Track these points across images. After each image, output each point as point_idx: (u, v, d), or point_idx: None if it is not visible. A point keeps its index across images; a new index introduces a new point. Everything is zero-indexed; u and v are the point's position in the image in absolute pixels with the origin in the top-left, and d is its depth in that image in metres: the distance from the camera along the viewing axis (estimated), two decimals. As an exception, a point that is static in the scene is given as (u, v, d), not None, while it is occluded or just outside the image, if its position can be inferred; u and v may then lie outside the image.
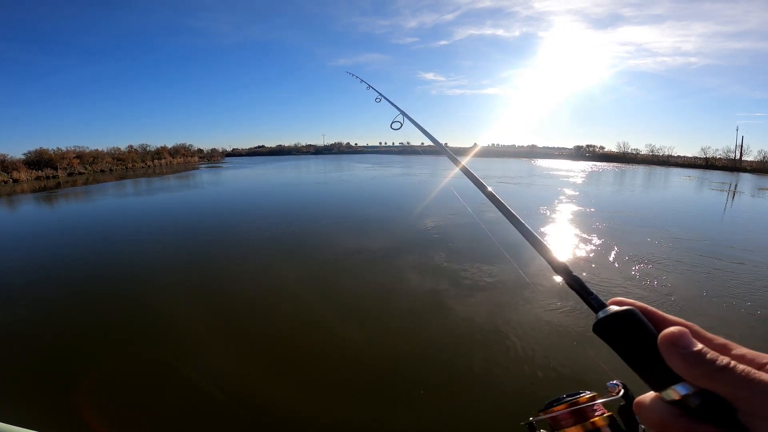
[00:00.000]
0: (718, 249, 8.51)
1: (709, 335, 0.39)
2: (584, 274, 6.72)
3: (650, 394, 0.37)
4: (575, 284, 0.47)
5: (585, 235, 9.49)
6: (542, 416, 0.49)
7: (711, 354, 0.33)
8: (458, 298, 5.72)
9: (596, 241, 8.94)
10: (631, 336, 0.38)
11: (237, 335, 4.79)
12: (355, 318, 5.21)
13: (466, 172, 0.89)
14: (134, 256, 8.39)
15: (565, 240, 9.18)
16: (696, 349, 0.34)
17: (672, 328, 0.35)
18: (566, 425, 0.46)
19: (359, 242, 8.94)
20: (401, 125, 1.65)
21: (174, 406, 3.55)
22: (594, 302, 0.43)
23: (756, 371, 0.31)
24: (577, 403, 0.46)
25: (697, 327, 0.39)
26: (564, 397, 0.48)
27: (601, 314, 0.41)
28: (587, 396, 0.47)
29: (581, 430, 0.45)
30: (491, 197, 0.73)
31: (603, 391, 0.46)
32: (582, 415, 0.46)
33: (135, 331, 4.97)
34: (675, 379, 0.34)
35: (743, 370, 0.31)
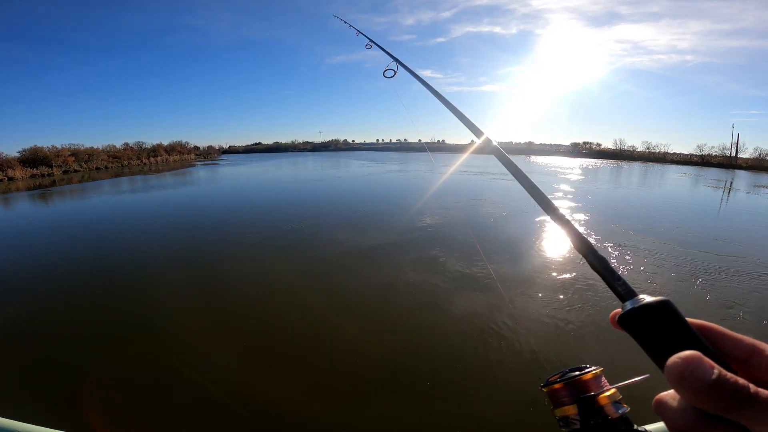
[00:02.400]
0: (710, 243, 8.59)
1: (735, 336, 0.35)
2: (574, 275, 6.77)
3: (674, 394, 0.32)
4: (600, 266, 0.43)
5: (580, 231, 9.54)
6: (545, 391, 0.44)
7: (729, 384, 0.29)
8: (458, 295, 5.75)
9: (593, 236, 9.00)
10: (669, 331, 0.34)
11: (237, 334, 4.80)
12: (356, 316, 5.24)
13: (488, 145, 0.81)
14: (134, 254, 8.36)
15: (559, 235, 9.21)
16: (712, 379, 0.29)
17: (682, 354, 0.30)
18: (565, 403, 0.41)
19: (358, 240, 8.95)
20: (395, 73, 1.58)
21: (176, 405, 3.57)
22: (621, 289, 0.39)
23: None
24: (577, 380, 0.41)
25: (720, 328, 0.36)
26: (566, 371, 0.43)
27: (629, 304, 0.37)
28: (593, 372, 0.41)
29: (576, 410, 0.40)
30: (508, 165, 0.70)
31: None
32: (581, 392, 0.40)
33: (136, 330, 4.97)
34: None
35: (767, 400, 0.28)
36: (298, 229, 10.13)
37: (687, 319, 0.35)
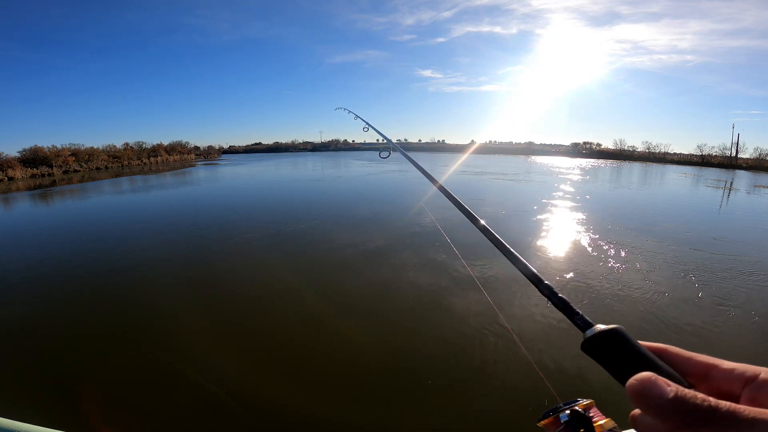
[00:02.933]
0: (707, 241, 8.60)
1: (688, 354, 0.37)
2: (572, 275, 6.78)
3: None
4: (561, 305, 0.48)
5: (579, 231, 9.56)
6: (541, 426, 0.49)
7: (689, 399, 0.30)
8: (458, 295, 5.75)
9: (591, 236, 9.01)
10: (620, 353, 0.38)
11: (238, 334, 4.80)
12: (357, 316, 5.25)
13: (443, 190, 0.96)
14: (134, 254, 8.37)
15: (558, 235, 9.24)
16: (670, 397, 0.30)
17: (638, 376, 0.32)
18: None
19: (358, 240, 8.96)
20: (389, 154, 1.88)
21: (176, 405, 3.57)
22: (580, 322, 0.44)
23: (743, 409, 0.29)
24: (572, 411, 0.47)
25: (674, 349, 0.38)
26: (561, 406, 0.48)
27: (588, 333, 0.41)
28: (584, 404, 0.47)
29: None
30: (468, 216, 0.77)
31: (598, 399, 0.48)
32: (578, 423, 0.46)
33: (137, 330, 4.98)
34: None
35: (727, 411, 0.29)
36: (298, 229, 10.14)
37: (642, 342, 0.39)
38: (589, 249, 8.03)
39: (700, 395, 0.30)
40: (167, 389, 3.77)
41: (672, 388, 0.31)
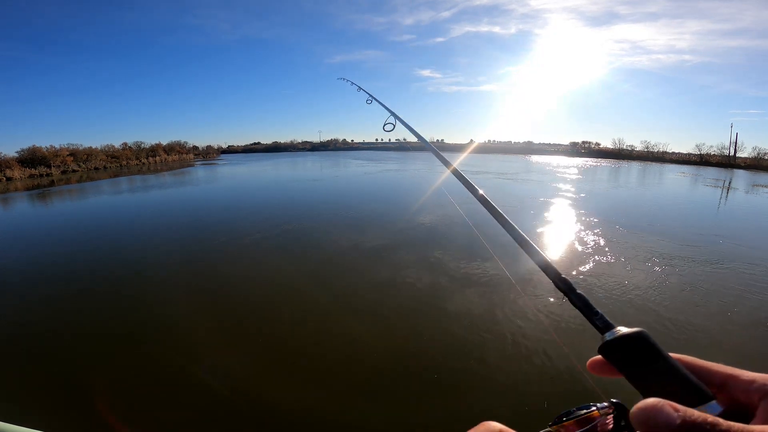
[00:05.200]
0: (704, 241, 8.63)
1: (706, 364, 0.36)
2: (578, 274, 6.80)
3: None
4: (579, 302, 0.45)
5: (577, 230, 9.57)
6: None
7: (697, 425, 0.29)
8: (458, 294, 5.77)
9: (588, 236, 9.03)
10: (643, 360, 0.36)
11: (240, 334, 4.81)
12: (359, 315, 5.26)
13: (456, 174, 0.84)
14: (135, 254, 8.36)
15: (558, 234, 9.26)
16: (677, 424, 0.29)
17: (645, 402, 0.31)
18: None
19: (359, 239, 8.96)
20: (394, 127, 1.67)
21: (180, 404, 3.57)
22: (599, 323, 0.41)
23: (757, 429, 0.28)
24: (587, 418, 0.41)
25: (691, 359, 0.37)
26: (573, 411, 0.43)
27: (608, 336, 0.39)
28: (598, 410, 0.42)
29: None
30: (483, 201, 0.70)
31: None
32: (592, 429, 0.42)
33: (140, 330, 4.97)
34: (701, 400, 0.33)
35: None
36: (298, 229, 10.14)
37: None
38: (578, 244, 8.05)
39: (711, 418, 0.29)
40: (174, 388, 3.76)
41: (679, 413, 0.30)
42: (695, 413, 0.30)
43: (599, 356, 0.40)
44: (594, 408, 0.42)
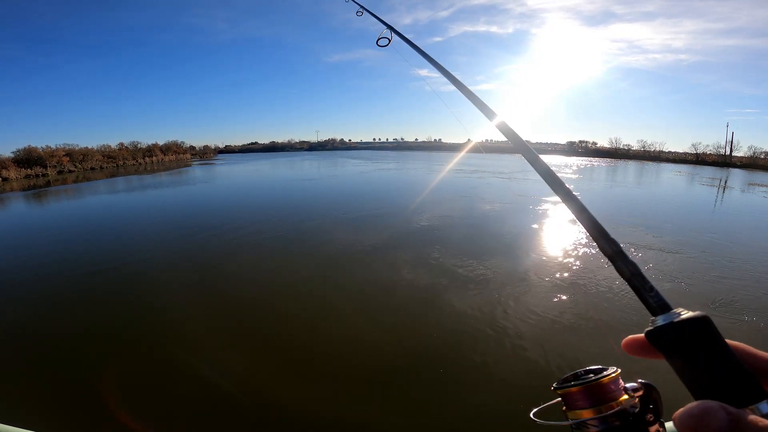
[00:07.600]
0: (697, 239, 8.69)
1: (756, 352, 0.33)
2: (575, 268, 6.81)
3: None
4: (629, 273, 0.38)
5: (574, 229, 9.62)
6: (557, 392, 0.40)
7: (746, 427, 0.27)
8: (460, 292, 5.78)
9: (585, 236, 9.05)
10: (705, 352, 0.31)
11: (241, 333, 4.82)
12: (360, 313, 5.26)
13: (503, 127, 0.63)
14: (135, 254, 8.33)
15: (557, 233, 9.29)
16: (725, 429, 0.27)
17: (691, 406, 0.29)
18: (580, 406, 0.37)
19: (359, 238, 8.96)
20: (389, 41, 1.50)
21: (184, 403, 3.57)
22: (653, 301, 0.36)
23: None
24: (596, 386, 0.37)
25: (746, 347, 0.34)
26: (581, 374, 0.39)
27: (661, 320, 0.34)
28: (609, 376, 0.37)
29: (594, 413, 0.36)
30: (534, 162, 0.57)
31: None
32: (598, 396, 0.37)
33: (142, 330, 4.96)
34: (759, 397, 0.30)
35: None
36: (298, 229, 10.14)
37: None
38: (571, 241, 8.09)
39: (762, 422, 0.27)
40: (176, 388, 3.76)
41: (729, 417, 0.28)
42: (750, 418, 0.28)
43: (640, 336, 0.36)
44: (606, 373, 0.37)
